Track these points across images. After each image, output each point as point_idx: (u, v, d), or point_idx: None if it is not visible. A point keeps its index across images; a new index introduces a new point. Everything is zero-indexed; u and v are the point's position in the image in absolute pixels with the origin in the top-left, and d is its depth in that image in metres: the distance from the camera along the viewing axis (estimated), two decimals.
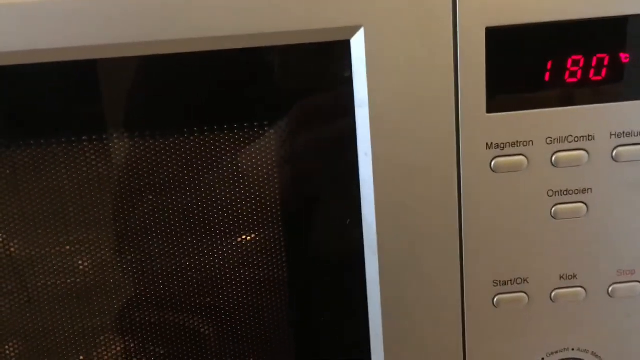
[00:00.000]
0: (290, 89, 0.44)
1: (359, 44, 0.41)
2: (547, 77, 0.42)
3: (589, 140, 0.43)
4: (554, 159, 0.43)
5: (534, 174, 0.44)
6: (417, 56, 0.41)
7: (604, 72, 0.42)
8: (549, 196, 0.44)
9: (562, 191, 0.44)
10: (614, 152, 0.44)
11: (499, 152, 0.43)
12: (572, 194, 0.44)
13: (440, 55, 0.41)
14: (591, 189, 0.44)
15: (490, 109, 0.42)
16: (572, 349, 0.48)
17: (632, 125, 0.43)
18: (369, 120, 0.42)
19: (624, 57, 0.42)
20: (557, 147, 0.43)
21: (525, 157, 0.43)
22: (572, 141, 0.43)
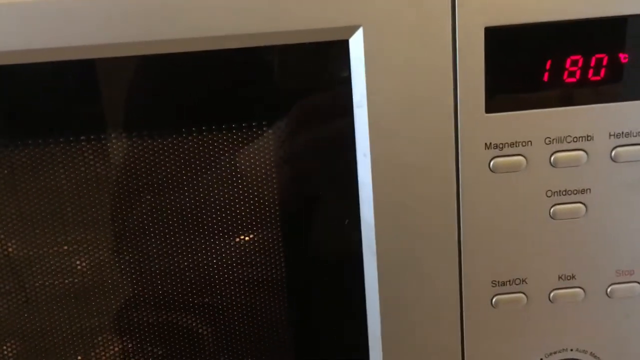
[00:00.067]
0: (288, 89, 0.44)
1: (357, 44, 0.41)
2: (546, 77, 0.42)
3: (587, 140, 0.43)
4: (552, 159, 0.43)
5: (532, 174, 0.44)
6: (416, 56, 0.41)
7: (603, 72, 0.42)
8: (547, 196, 0.44)
9: (560, 191, 0.44)
10: (613, 153, 0.44)
11: (497, 152, 0.43)
12: (570, 194, 0.44)
13: (439, 55, 0.41)
14: (590, 189, 0.44)
15: (489, 109, 0.42)
16: (571, 350, 0.48)
17: (631, 125, 0.43)
18: (368, 120, 0.42)
19: (622, 57, 0.42)
20: (555, 147, 0.43)
21: (524, 157, 0.43)
22: (570, 141, 0.43)
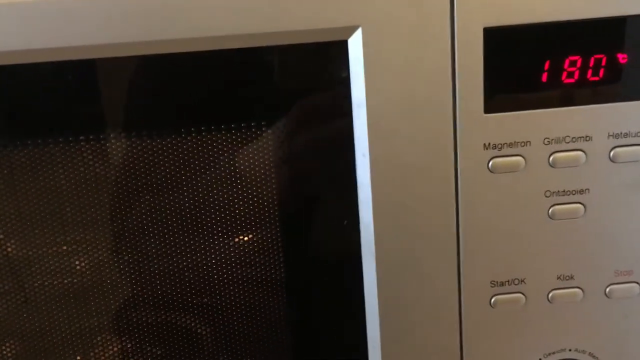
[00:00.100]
0: (288, 89, 0.44)
1: (356, 44, 0.41)
2: (544, 77, 0.42)
3: (586, 140, 0.43)
4: (551, 159, 0.43)
5: (531, 174, 0.44)
6: (415, 56, 0.41)
7: (602, 72, 0.43)
8: (546, 197, 0.44)
9: (559, 192, 0.44)
10: (612, 153, 0.44)
11: (496, 152, 0.43)
12: (569, 195, 0.44)
13: (437, 55, 0.41)
14: (588, 190, 0.44)
15: (487, 110, 0.42)
16: (570, 350, 0.48)
17: (630, 125, 0.43)
18: (367, 120, 0.42)
19: (621, 58, 0.42)
20: (554, 147, 0.43)
21: (522, 157, 0.43)
22: (569, 142, 0.43)
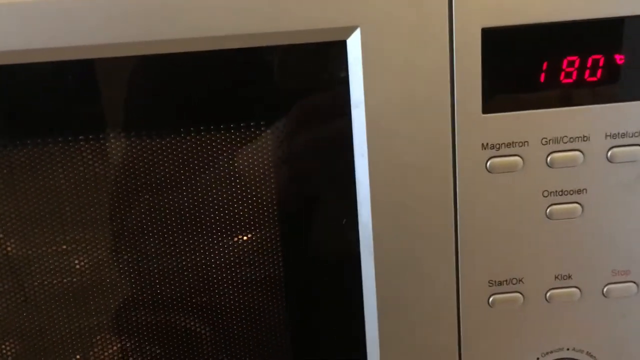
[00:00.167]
0: (287, 89, 0.44)
1: (355, 45, 0.41)
2: (542, 78, 0.42)
3: (584, 140, 0.43)
4: (549, 159, 0.44)
5: (529, 174, 0.44)
6: (413, 57, 0.41)
7: (599, 73, 0.43)
8: (544, 196, 0.44)
9: (557, 192, 0.44)
10: (609, 153, 0.44)
11: (494, 152, 0.43)
12: (567, 195, 0.44)
13: (436, 55, 0.41)
14: (586, 190, 0.44)
15: (485, 110, 0.43)
16: (567, 349, 0.48)
17: (627, 126, 0.43)
18: (365, 120, 0.42)
19: (619, 59, 0.42)
20: (552, 147, 0.43)
21: (520, 157, 0.43)
22: (567, 142, 0.43)
